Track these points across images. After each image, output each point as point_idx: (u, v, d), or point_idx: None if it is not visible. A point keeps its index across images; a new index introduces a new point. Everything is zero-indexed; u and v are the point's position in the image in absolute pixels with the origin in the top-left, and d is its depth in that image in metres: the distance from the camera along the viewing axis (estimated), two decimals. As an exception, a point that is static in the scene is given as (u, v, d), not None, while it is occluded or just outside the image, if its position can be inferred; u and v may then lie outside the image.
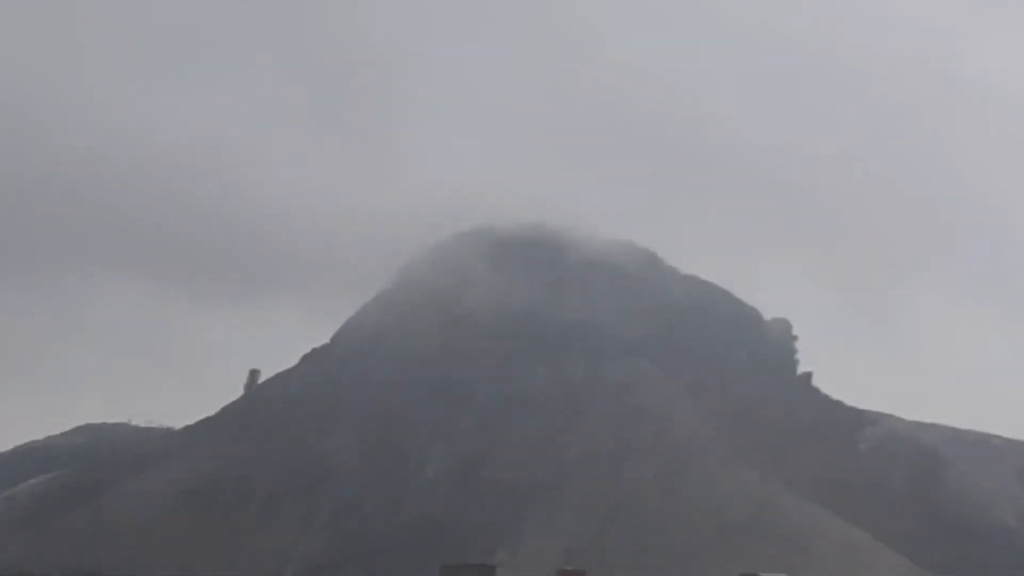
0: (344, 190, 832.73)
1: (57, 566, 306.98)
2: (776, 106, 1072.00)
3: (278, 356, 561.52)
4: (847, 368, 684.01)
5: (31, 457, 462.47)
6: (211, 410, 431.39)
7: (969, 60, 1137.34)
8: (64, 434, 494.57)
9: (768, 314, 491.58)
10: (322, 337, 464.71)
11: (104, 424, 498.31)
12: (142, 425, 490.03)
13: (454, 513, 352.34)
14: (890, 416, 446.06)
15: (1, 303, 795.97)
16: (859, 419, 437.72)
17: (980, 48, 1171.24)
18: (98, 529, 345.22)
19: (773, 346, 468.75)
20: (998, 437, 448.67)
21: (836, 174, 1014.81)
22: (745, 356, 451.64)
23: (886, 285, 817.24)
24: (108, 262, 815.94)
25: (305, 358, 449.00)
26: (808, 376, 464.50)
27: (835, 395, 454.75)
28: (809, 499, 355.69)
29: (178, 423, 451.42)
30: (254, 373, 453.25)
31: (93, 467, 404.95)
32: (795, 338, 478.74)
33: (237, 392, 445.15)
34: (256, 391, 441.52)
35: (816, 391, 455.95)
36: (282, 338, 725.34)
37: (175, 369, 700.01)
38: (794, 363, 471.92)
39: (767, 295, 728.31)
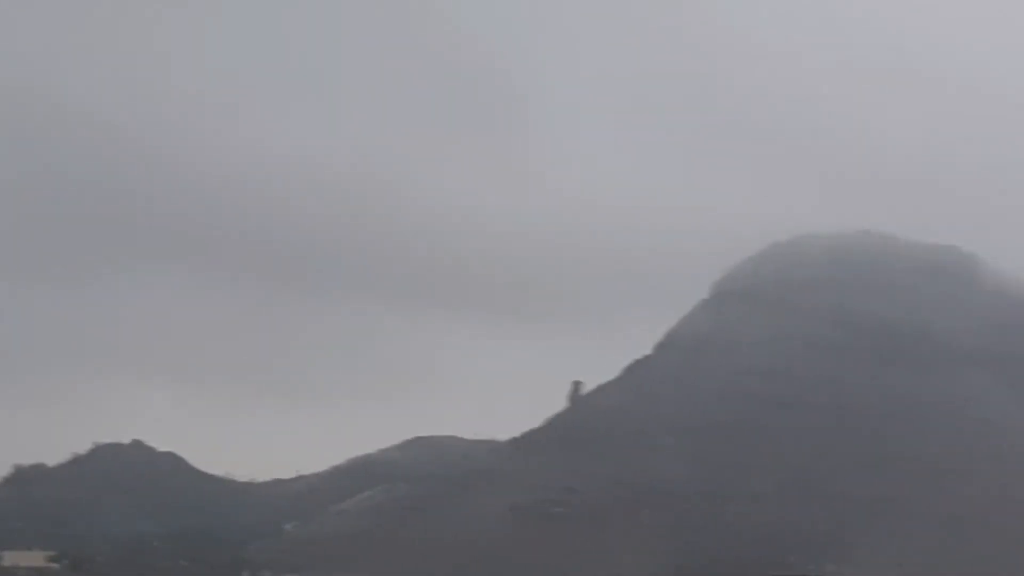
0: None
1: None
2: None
3: (600, 367, 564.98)
4: None
5: (363, 470, 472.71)
6: (536, 422, 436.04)
7: None
8: (395, 447, 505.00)
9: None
10: (643, 348, 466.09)
11: (433, 437, 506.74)
12: (470, 438, 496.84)
13: (783, 525, 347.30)
14: None
15: (348, 331, 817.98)
16: None
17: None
18: (432, 544, 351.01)
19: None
20: None
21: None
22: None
23: None
24: (446, 298, 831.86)
25: (627, 369, 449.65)
26: None
27: None
28: None
29: (504, 435, 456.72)
30: (577, 385, 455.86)
31: (424, 481, 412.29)
32: None
33: (561, 404, 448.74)
34: (579, 403, 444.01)
35: None
36: (605, 349, 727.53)
37: (500, 383, 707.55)
38: None
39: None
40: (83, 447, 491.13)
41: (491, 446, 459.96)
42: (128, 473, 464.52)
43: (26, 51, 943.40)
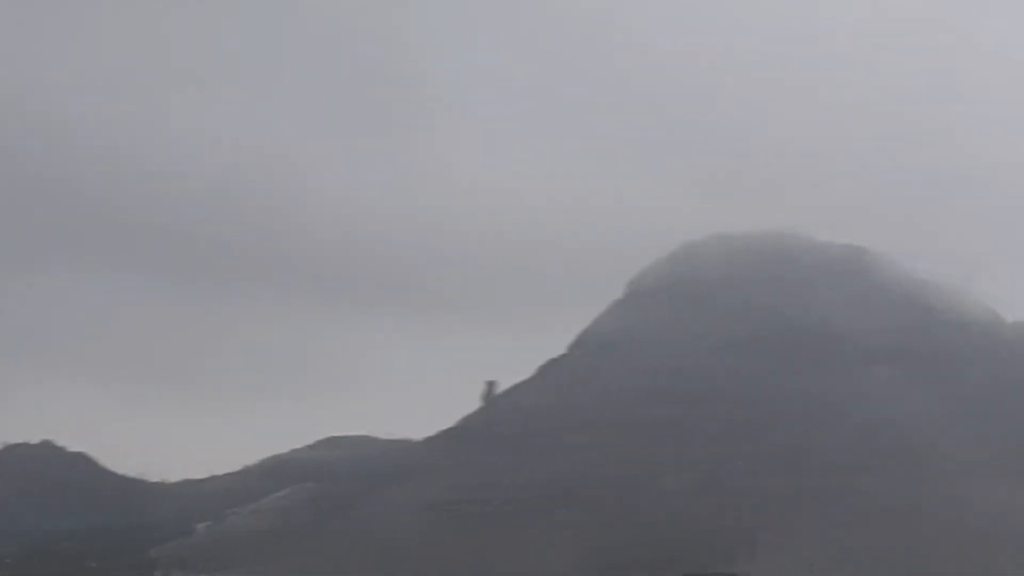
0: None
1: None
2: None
3: (514, 367, 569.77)
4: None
5: (276, 470, 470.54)
6: (449, 422, 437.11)
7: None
8: (308, 447, 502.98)
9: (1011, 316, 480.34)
10: (558, 347, 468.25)
11: (347, 437, 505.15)
12: (384, 438, 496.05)
13: (693, 522, 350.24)
14: None
15: (258, 330, 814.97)
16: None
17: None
18: (346, 544, 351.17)
19: (1015, 348, 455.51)
20: None
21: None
22: (986, 360, 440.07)
23: None
24: (359, 298, 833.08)
25: (541, 369, 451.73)
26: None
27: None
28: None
29: (418, 435, 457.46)
30: (491, 384, 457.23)
31: (338, 481, 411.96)
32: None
33: (475, 404, 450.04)
34: (493, 402, 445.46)
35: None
36: (517, 349, 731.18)
37: (414, 382, 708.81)
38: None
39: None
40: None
41: (405, 446, 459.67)
42: (37, 473, 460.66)
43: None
